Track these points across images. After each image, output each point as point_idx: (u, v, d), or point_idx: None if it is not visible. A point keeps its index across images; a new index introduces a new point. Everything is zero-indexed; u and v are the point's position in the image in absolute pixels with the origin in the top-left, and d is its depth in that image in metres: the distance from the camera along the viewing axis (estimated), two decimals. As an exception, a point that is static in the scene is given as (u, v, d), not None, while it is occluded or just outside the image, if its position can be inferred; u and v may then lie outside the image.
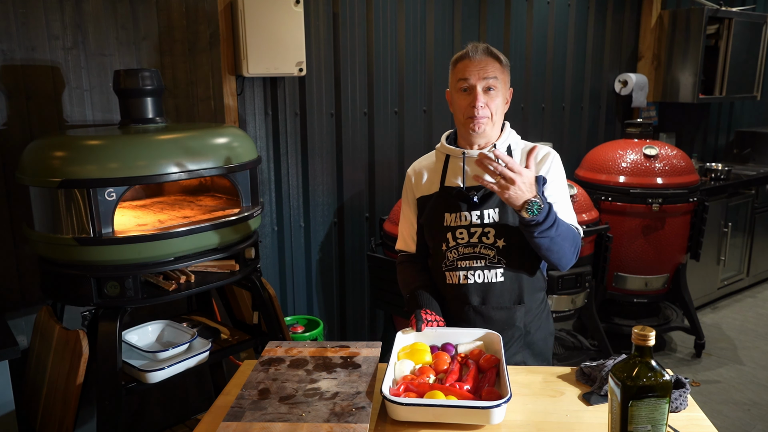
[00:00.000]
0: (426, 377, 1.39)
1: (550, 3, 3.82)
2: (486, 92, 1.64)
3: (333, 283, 3.18)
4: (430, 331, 1.58)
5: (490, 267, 1.67)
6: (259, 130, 2.79)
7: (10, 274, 2.18)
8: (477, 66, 1.63)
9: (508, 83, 1.70)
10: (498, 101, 1.66)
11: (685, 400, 1.35)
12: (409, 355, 1.49)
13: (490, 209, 1.66)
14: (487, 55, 1.65)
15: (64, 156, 1.72)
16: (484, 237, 1.67)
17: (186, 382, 2.71)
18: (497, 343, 1.52)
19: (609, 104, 4.36)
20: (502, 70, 1.66)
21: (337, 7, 2.92)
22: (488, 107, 1.64)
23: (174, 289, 1.89)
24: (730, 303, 4.48)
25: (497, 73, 1.64)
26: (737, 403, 3.12)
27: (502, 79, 1.66)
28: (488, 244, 1.67)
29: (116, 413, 1.76)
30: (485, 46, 1.67)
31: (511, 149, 1.73)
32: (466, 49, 1.66)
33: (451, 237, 1.70)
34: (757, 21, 4.55)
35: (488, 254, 1.67)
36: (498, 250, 1.66)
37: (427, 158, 1.84)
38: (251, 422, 1.24)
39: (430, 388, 1.33)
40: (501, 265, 1.67)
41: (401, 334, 1.57)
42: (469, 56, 1.63)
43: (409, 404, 1.26)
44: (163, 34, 2.40)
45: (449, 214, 1.70)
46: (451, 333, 1.59)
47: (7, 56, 2.07)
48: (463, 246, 1.69)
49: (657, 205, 3.31)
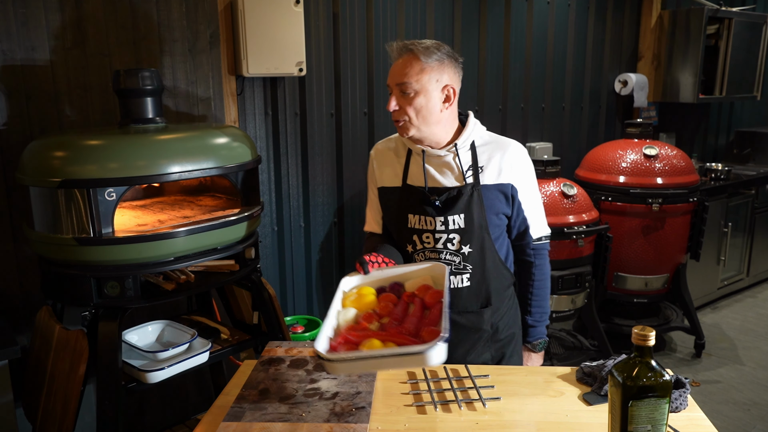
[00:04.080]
0: (369, 324, 1.30)
1: (550, 3, 3.82)
2: (402, 95, 1.54)
3: (333, 283, 3.18)
4: (378, 273, 1.49)
5: (456, 273, 1.64)
6: (259, 130, 2.79)
7: (10, 274, 2.18)
8: (395, 68, 1.55)
9: (436, 80, 1.54)
10: (418, 102, 1.53)
11: (685, 400, 1.35)
12: (355, 302, 1.40)
13: (455, 215, 1.61)
14: (403, 54, 1.54)
15: (64, 156, 1.72)
16: (449, 243, 1.63)
17: (186, 382, 2.71)
18: (442, 276, 1.44)
19: (609, 104, 4.36)
20: (422, 69, 1.51)
21: (337, 7, 2.92)
22: (405, 110, 1.54)
23: (174, 289, 1.89)
24: (730, 303, 4.48)
25: (413, 73, 1.51)
26: (737, 403, 3.12)
27: (420, 78, 1.52)
28: (453, 251, 1.63)
29: (116, 413, 1.76)
30: (402, 44, 1.55)
31: (476, 146, 1.64)
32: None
33: (417, 240, 1.65)
34: (757, 21, 4.55)
35: (453, 261, 1.64)
36: (464, 257, 1.63)
37: (392, 140, 1.76)
38: (251, 422, 1.24)
39: (368, 337, 1.23)
40: (467, 270, 1.64)
41: (347, 278, 1.49)
42: (392, 58, 1.57)
43: (339, 360, 1.14)
44: (163, 34, 2.40)
45: (413, 216, 1.65)
46: (399, 271, 1.51)
47: (7, 56, 2.07)
48: (429, 251, 1.65)
49: (657, 205, 3.31)
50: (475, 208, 1.61)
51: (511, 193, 1.64)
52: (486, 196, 1.62)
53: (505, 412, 1.34)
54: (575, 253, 2.99)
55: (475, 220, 1.61)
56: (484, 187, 1.62)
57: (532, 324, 1.77)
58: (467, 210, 1.61)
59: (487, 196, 1.62)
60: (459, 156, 1.62)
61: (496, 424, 1.30)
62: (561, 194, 3.04)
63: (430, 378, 1.48)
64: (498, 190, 1.63)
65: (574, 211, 3.03)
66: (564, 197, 3.03)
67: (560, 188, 3.05)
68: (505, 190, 1.63)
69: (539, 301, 1.77)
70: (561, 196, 3.03)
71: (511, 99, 3.74)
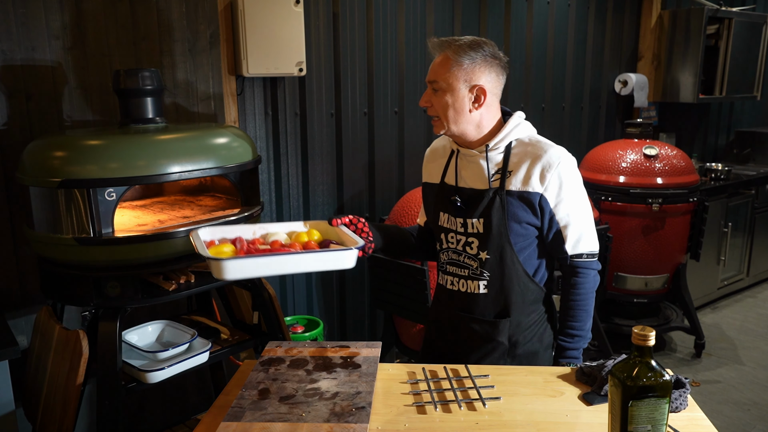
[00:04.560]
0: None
1: (550, 3, 3.81)
2: (433, 92, 1.54)
3: (333, 283, 3.18)
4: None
5: (473, 278, 1.60)
6: (259, 130, 2.78)
7: (10, 274, 2.18)
8: (432, 65, 1.55)
9: (465, 79, 1.51)
10: (446, 100, 1.52)
11: (685, 400, 1.35)
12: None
13: (474, 219, 1.57)
14: (437, 51, 1.53)
15: (64, 156, 1.72)
16: (467, 247, 1.59)
17: (186, 382, 2.71)
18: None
19: (609, 104, 4.36)
20: (450, 67, 1.50)
21: (337, 7, 2.92)
22: (435, 108, 1.54)
23: (174, 289, 1.89)
24: (730, 303, 4.48)
25: (442, 71, 1.51)
26: (737, 403, 3.12)
27: (448, 76, 1.50)
28: (471, 255, 1.59)
29: (116, 413, 1.76)
30: (438, 41, 1.53)
31: (510, 148, 1.58)
32: None
33: (444, 238, 1.65)
34: (757, 21, 4.55)
35: (471, 265, 1.60)
36: (481, 263, 1.58)
37: (446, 138, 1.71)
38: (251, 422, 1.24)
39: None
40: (484, 277, 1.59)
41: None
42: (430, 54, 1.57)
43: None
44: (163, 34, 2.40)
45: (443, 214, 1.64)
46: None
47: (7, 56, 2.07)
48: (452, 251, 1.63)
49: (657, 205, 3.31)
50: (495, 214, 1.54)
51: (539, 204, 1.54)
52: (510, 202, 1.54)
53: (505, 412, 1.34)
54: (575, 253, 2.99)
55: (494, 226, 1.54)
56: (508, 193, 1.55)
57: (565, 345, 1.63)
58: (486, 215, 1.55)
59: (511, 203, 1.54)
60: (488, 158, 1.57)
61: (496, 424, 1.30)
62: (561, 194, 3.03)
63: (430, 378, 1.48)
64: (522, 198, 1.54)
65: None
66: (564, 197, 3.03)
67: (560, 188, 3.05)
68: (532, 199, 1.53)
69: (575, 322, 1.63)
70: (561, 196, 3.03)
71: (511, 99, 3.74)
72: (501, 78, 1.57)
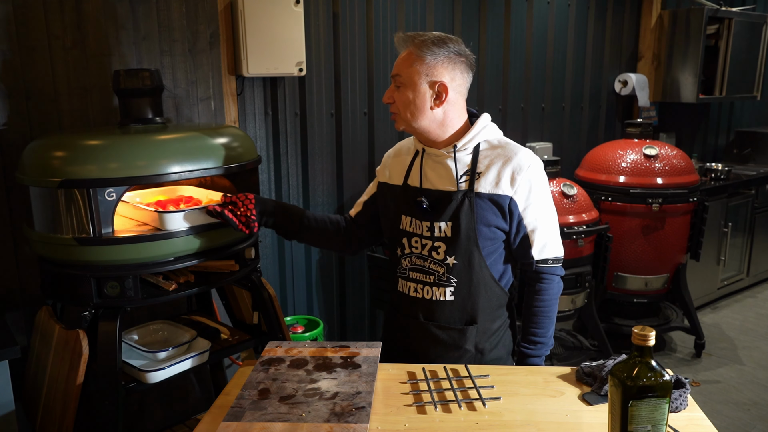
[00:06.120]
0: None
1: (550, 3, 3.82)
2: (396, 87, 1.50)
3: (333, 283, 3.18)
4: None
5: (439, 284, 1.54)
6: (259, 130, 2.79)
7: (10, 274, 2.18)
8: (397, 59, 1.52)
9: (426, 74, 1.47)
10: (405, 96, 1.48)
11: (685, 400, 1.35)
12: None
13: (441, 222, 1.51)
14: (402, 46, 1.50)
15: (64, 156, 1.72)
16: (434, 251, 1.54)
17: (186, 382, 2.71)
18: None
19: (609, 104, 4.36)
20: (412, 62, 1.46)
21: (337, 7, 2.92)
22: (395, 103, 1.51)
23: (174, 289, 1.89)
24: (730, 303, 4.48)
25: (404, 66, 1.47)
26: (737, 403, 3.12)
27: (409, 71, 1.46)
28: (438, 260, 1.54)
29: (116, 413, 1.76)
30: (403, 36, 1.49)
31: (479, 150, 1.54)
32: None
33: (406, 243, 1.58)
34: (757, 21, 4.56)
35: (437, 271, 1.54)
36: (448, 268, 1.53)
37: (412, 138, 1.67)
38: (251, 422, 1.24)
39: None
40: (451, 283, 1.53)
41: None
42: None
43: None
44: (163, 34, 2.40)
45: (405, 217, 1.58)
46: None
47: (7, 56, 2.07)
48: (416, 256, 1.57)
49: (657, 205, 3.31)
50: (464, 217, 1.50)
51: (508, 207, 1.51)
52: (478, 205, 1.51)
53: (505, 412, 1.34)
54: (575, 253, 2.99)
55: (462, 230, 1.50)
56: (477, 195, 1.51)
57: (527, 353, 1.60)
58: (455, 218, 1.50)
59: (480, 206, 1.51)
60: (456, 159, 1.53)
61: (496, 424, 1.30)
62: (561, 194, 3.04)
63: (430, 378, 1.48)
64: (492, 200, 1.51)
65: (574, 211, 3.03)
66: (564, 197, 3.03)
67: (560, 188, 3.05)
68: (501, 202, 1.50)
69: (538, 329, 1.59)
70: (561, 196, 3.03)
71: (511, 99, 3.74)
72: (466, 76, 1.53)
